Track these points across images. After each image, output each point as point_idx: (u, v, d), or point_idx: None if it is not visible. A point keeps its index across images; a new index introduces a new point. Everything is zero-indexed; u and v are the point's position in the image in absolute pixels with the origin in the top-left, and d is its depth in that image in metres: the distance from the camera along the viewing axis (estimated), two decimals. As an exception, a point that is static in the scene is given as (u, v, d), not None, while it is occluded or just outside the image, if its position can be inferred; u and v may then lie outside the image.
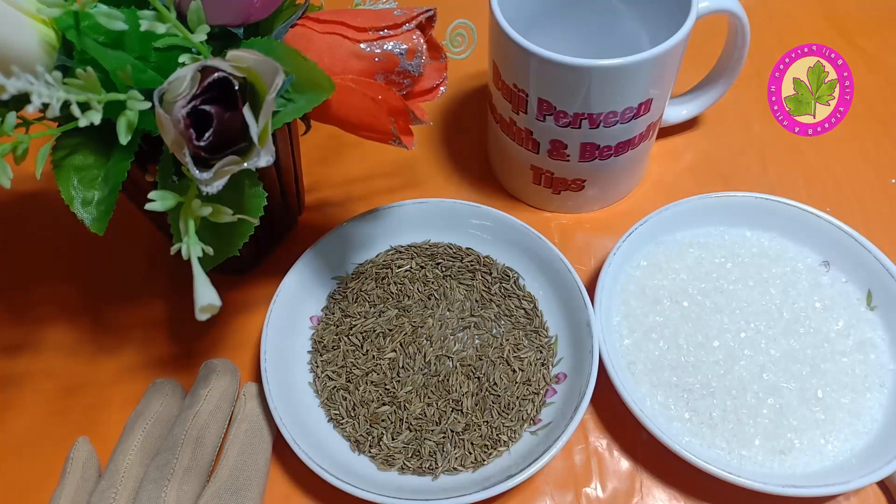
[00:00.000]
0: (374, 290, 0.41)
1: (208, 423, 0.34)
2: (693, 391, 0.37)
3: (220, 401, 0.35)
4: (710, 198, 0.42)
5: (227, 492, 0.32)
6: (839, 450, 0.35)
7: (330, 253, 0.42)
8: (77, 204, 0.29)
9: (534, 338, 0.39)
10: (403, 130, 0.32)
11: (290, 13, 0.33)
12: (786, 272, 0.41)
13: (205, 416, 0.34)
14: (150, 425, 0.35)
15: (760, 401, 0.36)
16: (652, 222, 0.41)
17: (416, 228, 0.43)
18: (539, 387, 0.37)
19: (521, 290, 0.41)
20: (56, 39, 0.28)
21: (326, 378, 0.38)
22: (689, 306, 0.39)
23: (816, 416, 0.36)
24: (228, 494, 0.32)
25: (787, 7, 0.59)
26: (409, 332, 0.39)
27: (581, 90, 0.37)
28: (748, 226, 0.42)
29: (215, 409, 0.35)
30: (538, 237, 0.41)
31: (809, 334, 0.38)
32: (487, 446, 0.36)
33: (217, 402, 0.35)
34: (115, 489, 0.32)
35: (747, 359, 0.37)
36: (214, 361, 0.37)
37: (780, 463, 0.34)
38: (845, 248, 0.40)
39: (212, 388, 0.36)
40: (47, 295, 0.43)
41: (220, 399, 0.35)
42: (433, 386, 0.37)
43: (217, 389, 0.36)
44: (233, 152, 0.26)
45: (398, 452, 0.35)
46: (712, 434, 0.35)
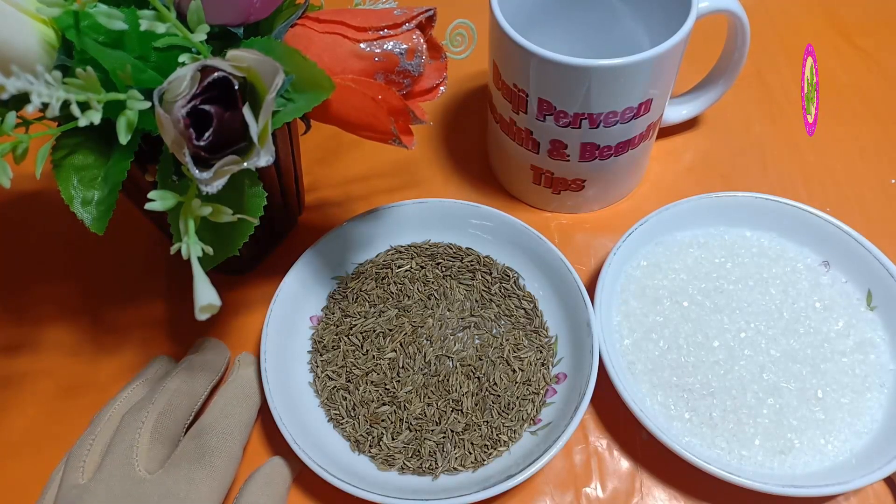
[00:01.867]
0: (374, 289, 0.41)
1: (191, 375, 0.36)
2: (693, 391, 0.36)
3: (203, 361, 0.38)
4: (710, 198, 0.42)
5: (198, 434, 0.33)
6: (839, 450, 0.35)
7: (330, 253, 0.42)
8: (77, 204, 0.29)
9: (534, 338, 0.39)
10: (403, 130, 0.32)
11: (290, 13, 0.33)
12: (786, 272, 0.41)
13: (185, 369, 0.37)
14: (138, 385, 0.37)
15: (760, 401, 0.36)
16: (652, 222, 0.41)
17: (416, 228, 0.43)
18: (539, 387, 0.37)
19: (521, 290, 0.41)
20: (56, 39, 0.28)
21: (326, 378, 0.38)
22: (689, 306, 0.39)
23: (816, 416, 0.36)
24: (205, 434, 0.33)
25: (787, 7, 0.59)
26: (409, 332, 0.39)
27: (581, 90, 0.37)
28: (748, 226, 0.42)
29: (199, 367, 0.37)
30: (538, 237, 0.41)
31: (809, 334, 0.38)
32: (487, 446, 0.36)
33: (200, 363, 0.37)
34: (93, 435, 0.34)
35: (747, 359, 0.37)
36: (203, 338, 0.40)
37: (780, 463, 0.34)
38: (845, 248, 0.40)
39: (196, 355, 0.38)
40: (47, 295, 0.43)
41: (203, 362, 0.38)
42: (433, 386, 0.37)
43: (202, 355, 0.38)
44: (233, 152, 0.26)
45: (398, 452, 0.35)
46: (712, 434, 0.35)
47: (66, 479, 0.32)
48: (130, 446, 0.32)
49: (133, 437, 0.33)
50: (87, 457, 0.33)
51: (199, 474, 0.32)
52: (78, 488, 0.31)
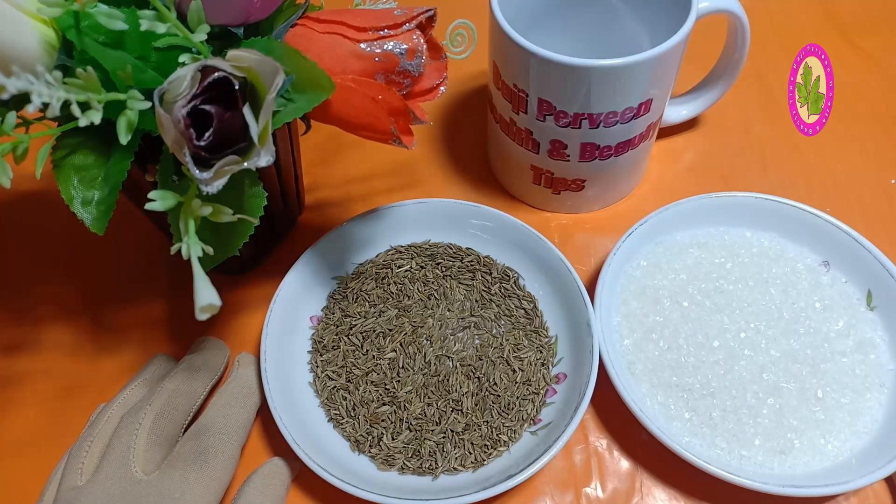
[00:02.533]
0: (374, 290, 0.41)
1: (190, 375, 0.36)
2: (693, 391, 0.36)
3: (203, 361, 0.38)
4: (710, 198, 0.42)
5: (196, 434, 0.33)
6: (839, 450, 0.35)
7: (330, 253, 0.42)
8: (77, 204, 0.29)
9: (534, 338, 0.39)
10: (403, 130, 0.32)
11: (291, 13, 0.33)
12: (786, 272, 0.41)
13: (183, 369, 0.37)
14: (137, 385, 0.37)
15: (760, 401, 0.36)
16: (652, 222, 0.41)
17: (416, 228, 0.43)
18: (539, 387, 0.37)
19: (521, 290, 0.41)
20: (56, 39, 0.28)
21: (326, 378, 0.38)
22: (689, 306, 0.39)
23: (816, 416, 0.36)
24: (202, 435, 0.33)
25: (787, 7, 0.59)
26: (409, 332, 0.39)
27: (581, 90, 0.37)
28: (748, 226, 0.42)
29: (198, 367, 0.37)
30: (538, 237, 0.41)
31: (809, 334, 0.38)
32: (487, 446, 0.36)
33: (199, 363, 0.37)
34: (91, 436, 0.34)
35: (747, 359, 0.37)
36: (203, 338, 0.40)
37: (779, 463, 0.34)
38: (845, 248, 0.40)
39: (195, 355, 0.38)
40: (47, 295, 0.43)
41: (202, 361, 0.38)
42: (433, 386, 0.37)
43: (201, 354, 0.38)
44: (233, 152, 0.26)
45: (398, 452, 0.35)
46: (712, 434, 0.35)
47: (64, 479, 0.32)
48: (127, 448, 0.32)
49: (130, 438, 0.33)
50: (86, 458, 0.33)
51: (195, 474, 0.32)
52: (76, 490, 0.32)
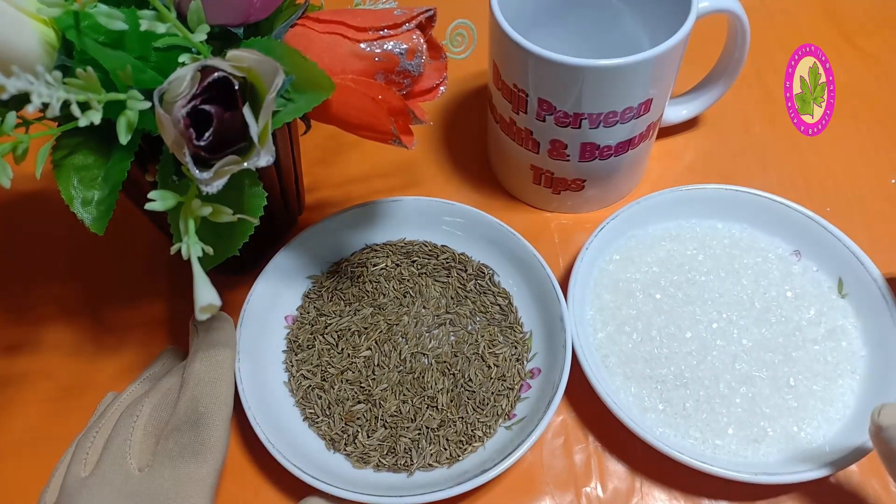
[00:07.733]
0: (349, 288, 0.41)
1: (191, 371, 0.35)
2: (666, 382, 0.37)
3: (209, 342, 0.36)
4: (681, 191, 0.42)
5: (185, 424, 0.33)
6: (812, 437, 0.35)
7: (304, 252, 0.41)
8: (77, 204, 0.29)
9: (508, 334, 0.39)
10: (403, 130, 0.32)
11: (290, 13, 0.33)
12: (757, 262, 0.41)
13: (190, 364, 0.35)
14: (145, 379, 0.37)
15: (733, 390, 0.36)
16: (623, 216, 0.41)
17: (391, 226, 0.43)
18: (513, 382, 0.38)
19: (495, 286, 0.41)
20: (56, 39, 0.28)
21: (301, 377, 0.38)
22: (661, 298, 0.40)
23: (789, 404, 0.36)
24: (187, 426, 0.32)
25: (787, 7, 0.59)
26: (384, 330, 0.39)
27: (581, 90, 0.37)
28: (719, 217, 0.43)
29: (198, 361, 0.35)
30: (512, 233, 0.41)
31: (781, 323, 0.38)
32: (462, 442, 0.36)
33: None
34: (96, 428, 0.34)
35: (719, 349, 0.37)
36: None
37: (753, 451, 0.35)
38: (816, 238, 0.40)
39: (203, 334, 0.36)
40: (47, 295, 0.43)
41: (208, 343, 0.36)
42: (408, 383, 0.37)
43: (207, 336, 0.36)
44: (233, 152, 0.26)
45: (373, 450, 0.36)
46: (686, 424, 0.35)
47: (70, 469, 0.33)
48: (125, 441, 0.33)
49: (127, 431, 0.33)
50: (90, 449, 0.33)
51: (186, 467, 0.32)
52: (79, 481, 0.32)
